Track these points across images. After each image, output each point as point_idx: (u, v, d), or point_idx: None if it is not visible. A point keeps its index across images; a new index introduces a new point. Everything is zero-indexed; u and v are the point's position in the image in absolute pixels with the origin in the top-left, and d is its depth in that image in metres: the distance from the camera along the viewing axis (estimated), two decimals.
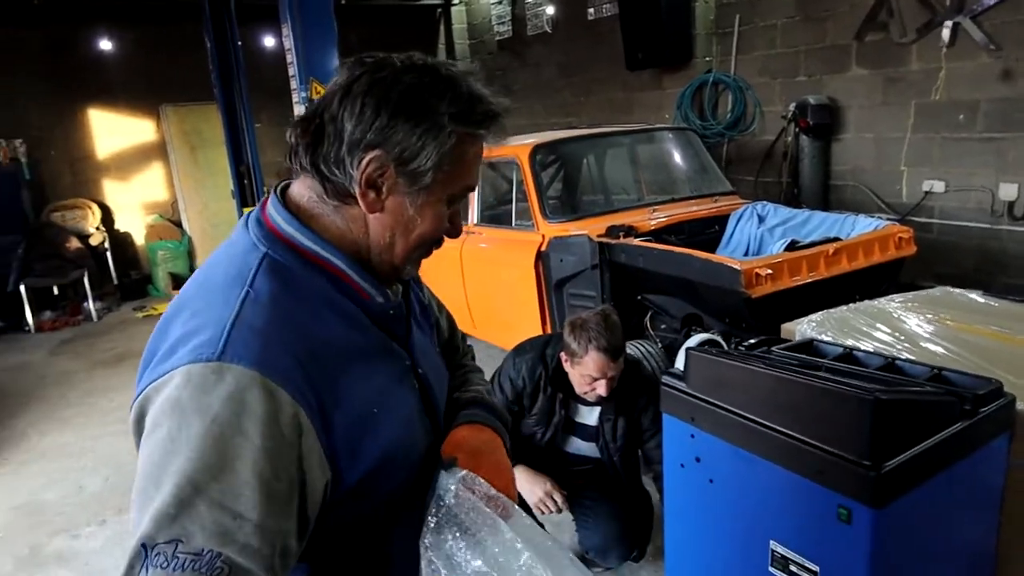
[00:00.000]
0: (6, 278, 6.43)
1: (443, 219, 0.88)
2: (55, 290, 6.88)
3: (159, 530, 0.68)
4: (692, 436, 1.74)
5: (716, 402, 1.66)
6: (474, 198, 4.39)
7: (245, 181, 7.45)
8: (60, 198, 7.58)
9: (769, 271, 2.84)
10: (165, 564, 0.67)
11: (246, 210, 6.19)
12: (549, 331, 3.77)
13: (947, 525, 1.57)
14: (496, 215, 4.47)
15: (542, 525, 2.44)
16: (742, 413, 1.59)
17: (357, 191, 0.83)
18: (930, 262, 4.35)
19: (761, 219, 3.81)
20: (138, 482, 0.73)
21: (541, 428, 2.41)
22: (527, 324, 3.83)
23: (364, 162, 0.81)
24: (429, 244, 0.90)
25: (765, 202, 3.94)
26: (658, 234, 3.57)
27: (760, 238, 3.72)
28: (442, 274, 4.74)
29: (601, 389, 2.23)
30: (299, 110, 4.41)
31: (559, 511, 2.36)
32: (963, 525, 1.62)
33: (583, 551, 2.45)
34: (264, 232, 0.86)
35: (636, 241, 3.37)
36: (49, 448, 4.05)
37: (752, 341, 1.94)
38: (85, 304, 6.88)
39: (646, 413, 2.37)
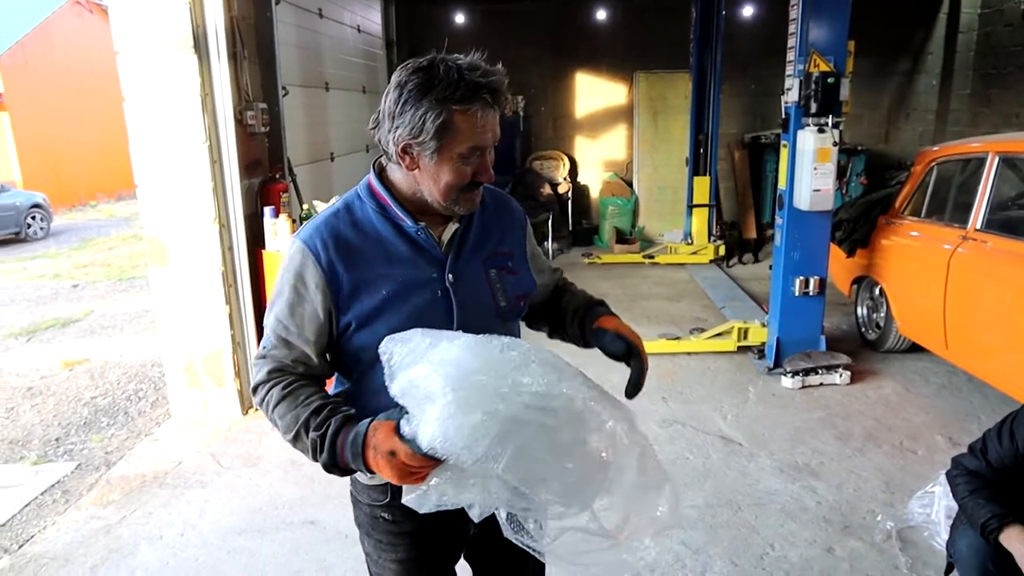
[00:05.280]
0: None
1: (462, 171, 1.23)
2: None
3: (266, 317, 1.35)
4: None
5: None
6: (983, 198, 3.72)
7: (701, 150, 7.59)
8: (540, 149, 8.81)
9: None
10: (265, 332, 1.33)
11: (696, 178, 6.28)
12: None
13: None
14: (1014, 222, 3.72)
15: None
16: None
17: (395, 158, 1.25)
18: None
19: None
20: None
21: None
22: None
23: (395, 139, 1.22)
24: (458, 188, 1.25)
25: None
26: None
27: None
28: (918, 275, 4.20)
29: None
30: (791, 84, 4.22)
31: None
32: None
33: None
34: (364, 184, 1.36)
35: None
36: None
37: None
38: (544, 244, 7.90)
39: None
